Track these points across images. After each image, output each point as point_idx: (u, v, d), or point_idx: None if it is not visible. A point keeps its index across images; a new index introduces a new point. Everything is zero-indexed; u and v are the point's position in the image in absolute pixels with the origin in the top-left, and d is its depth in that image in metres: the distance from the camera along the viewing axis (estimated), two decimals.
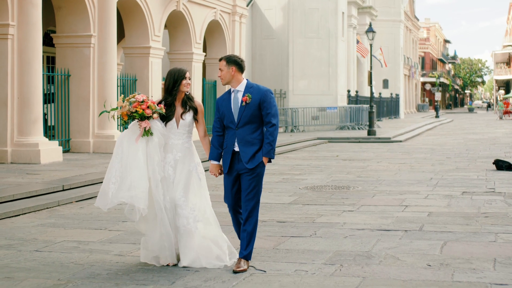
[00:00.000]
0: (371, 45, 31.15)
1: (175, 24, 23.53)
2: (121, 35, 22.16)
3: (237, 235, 6.63)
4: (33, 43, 15.56)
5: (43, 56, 16.75)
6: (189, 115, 6.50)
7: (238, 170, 6.33)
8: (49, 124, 18.54)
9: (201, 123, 6.56)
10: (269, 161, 6.34)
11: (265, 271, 6.24)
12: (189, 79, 6.50)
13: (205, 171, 6.71)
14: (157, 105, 6.41)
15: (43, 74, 16.68)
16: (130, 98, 6.37)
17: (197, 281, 5.93)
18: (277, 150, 21.32)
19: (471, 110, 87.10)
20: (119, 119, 6.50)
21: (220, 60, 6.41)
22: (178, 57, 23.65)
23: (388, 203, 10.44)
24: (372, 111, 28.77)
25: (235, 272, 6.16)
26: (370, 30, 30.64)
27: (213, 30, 26.03)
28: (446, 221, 8.81)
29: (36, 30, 15.59)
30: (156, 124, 6.37)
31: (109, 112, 6.50)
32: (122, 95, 6.56)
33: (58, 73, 18.09)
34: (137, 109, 6.28)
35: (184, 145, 6.48)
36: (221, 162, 6.48)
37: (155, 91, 20.67)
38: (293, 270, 6.27)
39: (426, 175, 14.38)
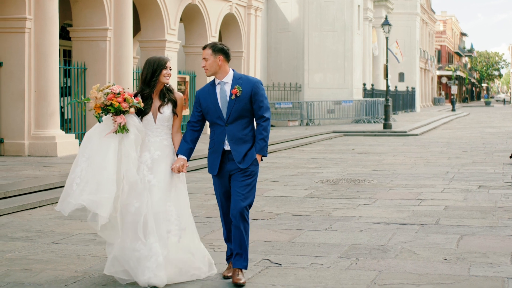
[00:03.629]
0: (387, 38, 30.99)
1: (191, 17, 23.54)
2: (137, 28, 22.23)
3: (226, 243, 5.95)
4: (50, 37, 15.64)
5: (59, 49, 16.84)
6: (167, 109, 5.80)
7: (229, 171, 5.69)
8: (65, 117, 18.63)
9: (178, 118, 5.87)
10: (261, 159, 5.75)
11: (280, 264, 6.25)
12: (170, 69, 5.82)
13: (187, 171, 5.93)
14: (134, 97, 5.72)
15: (59, 68, 16.77)
16: (104, 89, 5.70)
17: None
18: (292, 143, 21.29)
19: (487, 103, 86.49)
20: (90, 111, 5.76)
21: (204, 48, 5.70)
22: (193, 51, 23.65)
23: (404, 197, 10.41)
24: (388, 104, 28.65)
25: (235, 284, 5.56)
26: (386, 23, 30.49)
27: (229, 24, 26.01)
28: (462, 215, 8.77)
29: (52, 23, 15.68)
30: (132, 119, 5.67)
31: (80, 102, 5.79)
32: (98, 84, 5.84)
33: (74, 66, 18.18)
34: (113, 102, 5.59)
35: (162, 142, 5.78)
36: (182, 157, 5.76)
37: (172, 84, 20.69)
38: (308, 264, 6.28)
39: (442, 168, 14.31)
